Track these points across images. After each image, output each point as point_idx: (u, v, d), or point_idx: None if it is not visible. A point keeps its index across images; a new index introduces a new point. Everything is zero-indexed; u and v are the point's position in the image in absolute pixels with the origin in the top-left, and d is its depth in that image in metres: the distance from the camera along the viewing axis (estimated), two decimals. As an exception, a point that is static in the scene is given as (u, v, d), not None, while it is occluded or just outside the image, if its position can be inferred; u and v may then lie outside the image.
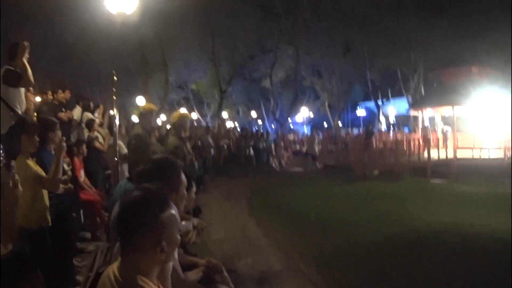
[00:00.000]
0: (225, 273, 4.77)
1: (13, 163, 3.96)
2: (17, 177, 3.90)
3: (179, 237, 2.69)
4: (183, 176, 4.02)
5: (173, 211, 2.65)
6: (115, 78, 11.51)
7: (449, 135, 33.41)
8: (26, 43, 7.98)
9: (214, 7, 35.85)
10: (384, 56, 44.12)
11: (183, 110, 32.55)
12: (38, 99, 13.98)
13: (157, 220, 2.53)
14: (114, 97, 11.63)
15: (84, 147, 11.13)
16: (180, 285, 3.72)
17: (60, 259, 6.39)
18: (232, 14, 38.44)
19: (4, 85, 7.85)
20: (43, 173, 5.94)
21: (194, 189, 4.71)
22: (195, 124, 38.31)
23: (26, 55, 7.90)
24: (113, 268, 2.62)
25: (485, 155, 27.82)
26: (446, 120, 37.26)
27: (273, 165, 31.42)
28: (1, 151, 4.04)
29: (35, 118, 7.71)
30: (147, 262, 2.56)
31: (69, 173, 7.35)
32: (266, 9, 40.95)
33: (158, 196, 2.64)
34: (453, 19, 36.82)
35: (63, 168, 6.75)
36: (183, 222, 4.58)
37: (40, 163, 6.10)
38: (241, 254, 9.97)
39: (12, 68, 7.85)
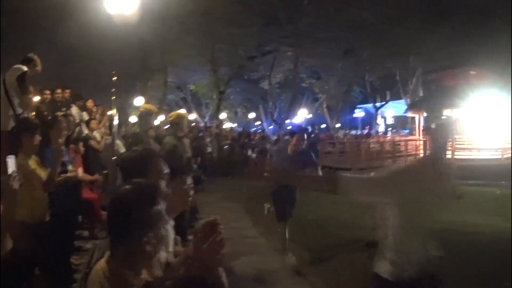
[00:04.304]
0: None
1: (9, 158, 4.03)
2: (14, 172, 3.98)
3: (165, 232, 2.75)
4: (161, 167, 3.93)
5: (161, 206, 2.72)
6: (114, 78, 11.60)
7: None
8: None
9: (215, 15, 35.69)
10: (383, 59, 44.13)
11: (182, 111, 32.66)
12: (36, 98, 14.05)
13: (145, 215, 2.61)
14: (113, 97, 11.72)
15: (81, 145, 11.15)
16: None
17: (58, 257, 6.45)
18: (233, 22, 38.26)
19: (9, 84, 7.96)
20: (41, 173, 6.01)
21: (187, 182, 4.58)
22: (193, 124, 38.26)
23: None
24: (102, 263, 2.72)
25: (483, 156, 27.99)
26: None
27: (273, 165, 31.37)
28: None
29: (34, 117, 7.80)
30: (134, 255, 2.64)
31: (71, 170, 7.40)
32: (268, 16, 40.64)
33: (146, 191, 2.73)
34: (453, 24, 36.86)
35: (66, 166, 6.85)
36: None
37: (42, 160, 6.18)
38: (238, 253, 10.04)
39: (28, 71, 7.99)
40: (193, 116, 51.25)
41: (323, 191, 5.20)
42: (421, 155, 30.03)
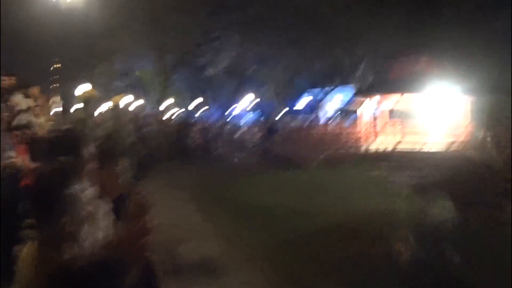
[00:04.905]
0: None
1: None
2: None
3: (87, 212, 2.76)
4: (84, 148, 3.96)
5: (81, 186, 2.75)
6: (57, 65, 11.63)
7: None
8: None
9: (162, 1, 35.56)
10: (332, 45, 44.24)
11: (128, 97, 32.57)
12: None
13: (62, 194, 2.64)
14: (56, 84, 11.75)
15: (25, 132, 11.08)
16: None
17: (3, 245, 6.49)
18: (180, 8, 38.07)
19: None
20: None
21: (122, 165, 4.64)
22: (139, 111, 38.10)
23: None
24: (31, 243, 2.76)
25: (428, 146, 28.44)
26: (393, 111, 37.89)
27: (218, 152, 31.49)
28: None
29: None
30: (56, 235, 2.66)
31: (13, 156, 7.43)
32: (215, 3, 40.50)
33: (63, 172, 2.76)
34: (405, 14, 37.24)
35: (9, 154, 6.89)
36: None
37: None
38: (183, 239, 10.14)
39: None
40: (140, 102, 51.08)
41: None
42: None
